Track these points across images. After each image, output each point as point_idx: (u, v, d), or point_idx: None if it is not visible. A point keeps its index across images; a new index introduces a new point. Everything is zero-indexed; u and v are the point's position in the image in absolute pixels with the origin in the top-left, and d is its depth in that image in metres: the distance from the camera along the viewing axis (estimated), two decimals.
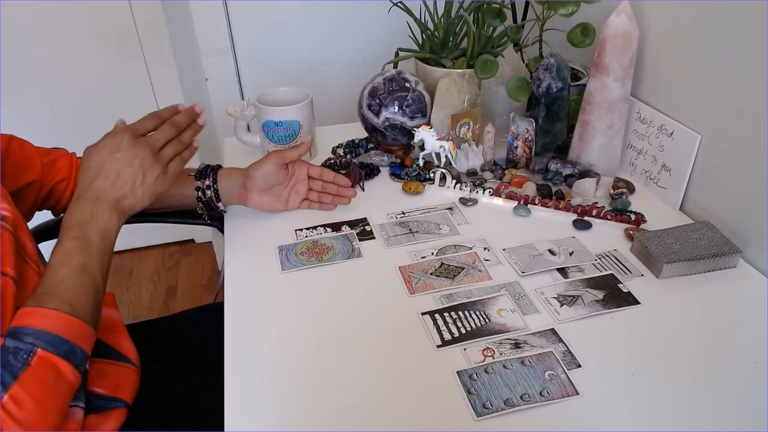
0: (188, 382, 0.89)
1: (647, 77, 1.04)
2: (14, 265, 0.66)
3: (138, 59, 1.83)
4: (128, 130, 0.74)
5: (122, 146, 0.73)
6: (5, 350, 0.57)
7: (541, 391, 0.66)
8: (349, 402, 0.66)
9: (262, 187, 0.94)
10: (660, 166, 1.01)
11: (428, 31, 1.15)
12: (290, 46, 1.63)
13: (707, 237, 0.86)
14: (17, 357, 0.57)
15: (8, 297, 0.63)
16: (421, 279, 0.83)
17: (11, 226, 0.68)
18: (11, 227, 0.68)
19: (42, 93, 1.82)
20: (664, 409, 0.64)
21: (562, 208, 0.98)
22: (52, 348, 0.58)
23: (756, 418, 0.63)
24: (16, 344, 0.57)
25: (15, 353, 0.57)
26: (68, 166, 0.90)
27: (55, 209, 0.93)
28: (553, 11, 1.07)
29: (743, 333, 0.74)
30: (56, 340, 0.59)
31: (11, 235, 0.68)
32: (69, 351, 0.60)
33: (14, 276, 0.65)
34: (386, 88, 1.08)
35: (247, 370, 0.70)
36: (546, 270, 0.85)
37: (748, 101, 0.84)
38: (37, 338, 0.58)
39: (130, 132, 0.74)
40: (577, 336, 0.73)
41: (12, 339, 0.58)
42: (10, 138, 0.83)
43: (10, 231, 0.68)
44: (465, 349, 0.72)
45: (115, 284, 2.09)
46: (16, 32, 1.70)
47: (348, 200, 0.98)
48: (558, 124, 1.09)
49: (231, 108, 1.13)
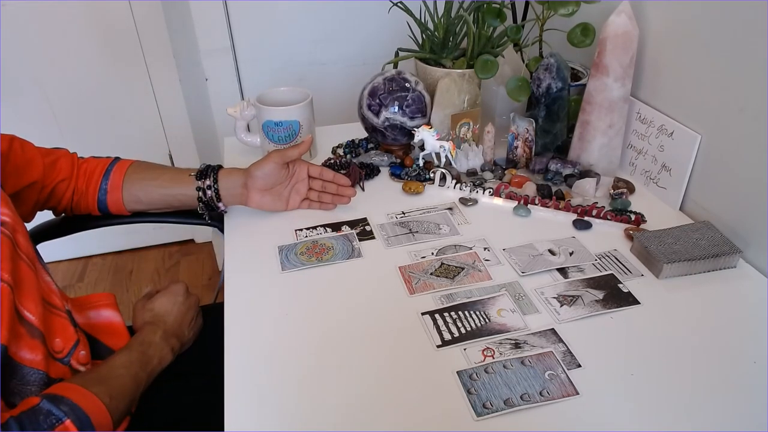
0: (188, 383, 0.89)
1: (647, 77, 1.04)
2: (10, 270, 0.66)
3: (138, 59, 1.83)
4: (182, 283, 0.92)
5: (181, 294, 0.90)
6: (38, 410, 0.61)
7: (541, 391, 0.66)
8: (349, 402, 0.66)
9: (263, 186, 0.94)
10: (660, 166, 1.01)
11: (428, 31, 1.15)
12: (290, 46, 1.63)
13: (707, 237, 0.86)
14: (47, 419, 0.61)
15: (5, 302, 0.63)
16: (421, 279, 0.83)
17: (10, 232, 0.68)
18: (9, 232, 0.68)
19: (42, 93, 1.82)
20: (664, 409, 0.64)
21: (562, 208, 0.98)
22: (79, 424, 0.62)
23: (756, 418, 0.63)
24: (50, 408, 0.61)
25: (47, 416, 0.61)
26: (69, 166, 0.90)
27: (56, 209, 0.93)
28: (553, 11, 1.07)
29: (743, 333, 0.74)
30: (85, 420, 0.63)
31: (9, 240, 0.68)
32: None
33: (10, 281, 0.65)
34: (386, 88, 1.08)
35: (247, 370, 0.70)
36: (546, 270, 0.85)
37: (748, 101, 0.84)
38: (72, 410, 0.62)
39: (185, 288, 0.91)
40: (577, 336, 0.73)
41: (49, 402, 0.62)
42: (11, 138, 0.83)
43: (8, 236, 0.68)
44: (465, 349, 0.72)
45: (115, 284, 2.09)
46: (16, 32, 1.70)
47: (348, 199, 0.98)
48: (558, 124, 1.09)
49: (231, 108, 1.13)
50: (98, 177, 0.91)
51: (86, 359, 0.77)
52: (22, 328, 0.67)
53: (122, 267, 2.17)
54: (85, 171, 0.91)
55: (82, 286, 2.08)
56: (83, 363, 0.76)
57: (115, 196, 0.92)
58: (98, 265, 2.19)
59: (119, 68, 1.84)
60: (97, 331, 0.85)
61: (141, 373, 0.75)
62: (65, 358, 0.74)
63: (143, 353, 0.77)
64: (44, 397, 0.63)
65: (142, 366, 0.76)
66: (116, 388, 0.69)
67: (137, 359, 0.75)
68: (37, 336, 0.68)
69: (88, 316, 0.86)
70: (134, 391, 0.73)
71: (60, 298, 0.77)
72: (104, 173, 0.92)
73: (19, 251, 0.70)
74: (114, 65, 1.83)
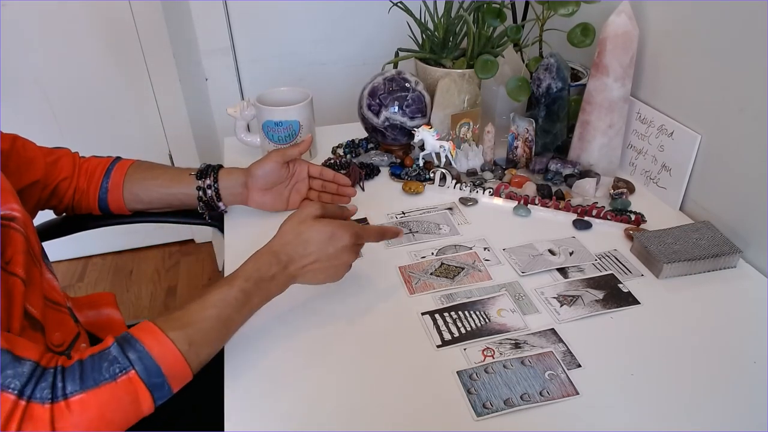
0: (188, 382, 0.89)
1: (647, 77, 1.04)
2: (24, 265, 0.66)
3: (138, 59, 1.83)
4: (355, 235, 0.74)
5: (342, 243, 0.73)
6: (106, 355, 0.58)
7: (541, 391, 0.66)
8: (349, 402, 0.66)
9: (263, 186, 0.94)
10: (660, 166, 1.01)
11: (428, 31, 1.15)
12: (290, 47, 1.63)
13: (707, 237, 0.86)
14: (110, 368, 0.58)
15: (18, 297, 0.64)
16: (421, 279, 0.83)
17: (22, 227, 0.69)
18: (22, 228, 0.69)
19: (42, 93, 1.82)
20: (664, 409, 0.64)
21: (562, 208, 0.98)
22: (145, 375, 0.59)
23: (756, 418, 0.63)
24: (118, 354, 0.58)
25: (111, 363, 0.58)
26: (71, 165, 0.90)
27: (57, 209, 0.94)
28: (553, 11, 1.07)
29: (743, 333, 0.74)
30: (154, 369, 0.59)
31: (22, 237, 0.68)
32: (158, 384, 0.60)
33: (24, 277, 0.66)
34: (386, 88, 1.08)
35: (247, 370, 0.70)
36: (546, 270, 0.85)
37: (748, 101, 0.84)
38: (140, 359, 0.59)
39: (356, 237, 0.74)
40: (577, 336, 0.73)
41: (118, 346, 0.59)
42: (13, 138, 0.83)
43: (22, 232, 0.68)
44: (465, 349, 0.72)
45: (115, 284, 2.09)
46: (16, 32, 1.70)
47: (348, 199, 0.98)
48: (558, 124, 1.09)
49: (231, 108, 1.13)
50: (99, 176, 0.91)
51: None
52: (26, 321, 0.67)
53: (122, 267, 2.17)
54: (86, 170, 0.92)
55: (82, 286, 2.08)
56: None
57: (115, 195, 0.92)
58: (98, 265, 2.19)
59: (119, 68, 1.84)
60: (97, 330, 0.85)
61: (236, 314, 0.67)
62: (66, 350, 0.74)
63: (244, 291, 0.68)
64: (117, 339, 0.60)
65: (241, 307, 0.67)
66: (200, 333, 0.63)
67: (235, 299, 0.67)
68: (39, 329, 0.69)
69: (88, 315, 0.86)
70: (223, 335, 0.67)
71: (61, 295, 0.77)
72: (105, 172, 0.92)
73: (31, 249, 0.70)
74: (114, 65, 1.83)
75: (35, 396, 0.54)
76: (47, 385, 0.55)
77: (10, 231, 0.67)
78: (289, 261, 0.72)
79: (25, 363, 0.55)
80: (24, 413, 0.53)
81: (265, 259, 0.71)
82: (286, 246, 0.72)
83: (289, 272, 0.72)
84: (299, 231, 0.73)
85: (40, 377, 0.55)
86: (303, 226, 0.73)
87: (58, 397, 0.55)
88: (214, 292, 0.67)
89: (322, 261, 0.73)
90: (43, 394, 0.54)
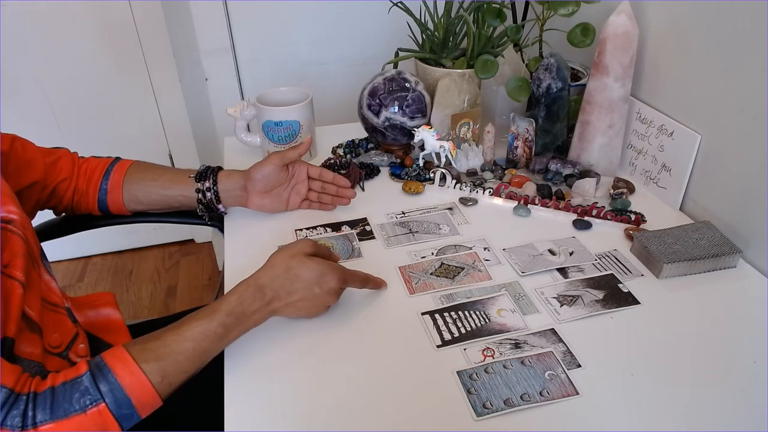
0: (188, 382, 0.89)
1: (647, 77, 1.04)
2: (23, 269, 0.66)
3: (138, 59, 1.83)
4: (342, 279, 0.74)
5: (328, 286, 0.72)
6: (78, 384, 0.59)
7: (541, 391, 0.66)
8: (348, 402, 0.66)
9: (263, 188, 0.94)
10: (660, 166, 1.01)
11: (428, 31, 1.15)
12: (290, 46, 1.63)
13: (707, 237, 0.86)
14: (81, 399, 0.58)
15: (16, 300, 0.64)
16: (421, 279, 0.83)
17: (20, 230, 0.68)
18: (20, 230, 0.68)
19: (42, 93, 1.82)
20: (664, 409, 0.64)
21: (562, 208, 0.98)
22: (115, 408, 0.59)
23: (756, 418, 0.63)
24: (89, 384, 0.59)
25: (83, 394, 0.58)
26: (70, 165, 0.90)
27: (56, 209, 0.94)
28: (553, 11, 1.07)
29: (743, 333, 0.74)
30: (125, 401, 0.60)
31: (21, 239, 0.68)
32: (127, 415, 0.61)
33: (23, 280, 0.65)
34: (386, 88, 1.08)
35: (247, 370, 0.70)
36: (546, 270, 0.85)
37: (748, 101, 0.84)
38: (111, 391, 0.59)
39: (342, 282, 0.74)
40: (577, 336, 0.73)
41: (91, 376, 0.59)
42: (12, 138, 0.83)
43: (20, 235, 0.68)
44: (465, 349, 0.72)
45: (115, 284, 2.09)
46: (16, 32, 1.70)
47: (347, 201, 0.98)
48: (558, 124, 1.09)
49: (231, 108, 1.13)
50: (98, 177, 0.91)
51: (85, 352, 0.78)
52: (24, 323, 0.67)
53: (122, 267, 2.17)
54: (85, 171, 0.92)
55: (82, 286, 2.08)
56: (82, 356, 0.76)
57: (115, 195, 0.92)
58: (98, 265, 2.19)
59: (119, 68, 1.84)
60: (97, 330, 0.85)
61: (213, 347, 0.67)
62: (63, 352, 0.74)
63: (224, 326, 0.67)
64: (91, 367, 0.60)
65: (218, 340, 0.67)
66: (174, 365, 0.63)
67: (214, 333, 0.66)
68: (36, 331, 0.69)
69: (88, 315, 0.86)
70: (197, 366, 0.66)
71: (60, 296, 0.77)
72: (104, 173, 0.92)
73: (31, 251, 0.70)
74: (114, 65, 1.83)
75: (6, 423, 0.55)
76: (18, 413, 0.56)
77: (8, 234, 0.66)
78: (273, 297, 0.71)
79: (1, 390, 0.56)
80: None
81: (249, 293, 0.70)
82: (274, 280, 0.71)
83: (272, 308, 0.71)
84: (289, 266, 0.72)
85: (12, 404, 0.56)
86: (294, 260, 0.72)
87: (27, 426, 0.56)
88: (193, 324, 0.66)
89: (305, 300, 0.72)
90: (14, 422, 0.56)
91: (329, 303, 0.75)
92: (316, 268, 0.72)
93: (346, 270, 0.76)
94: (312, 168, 0.97)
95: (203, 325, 0.66)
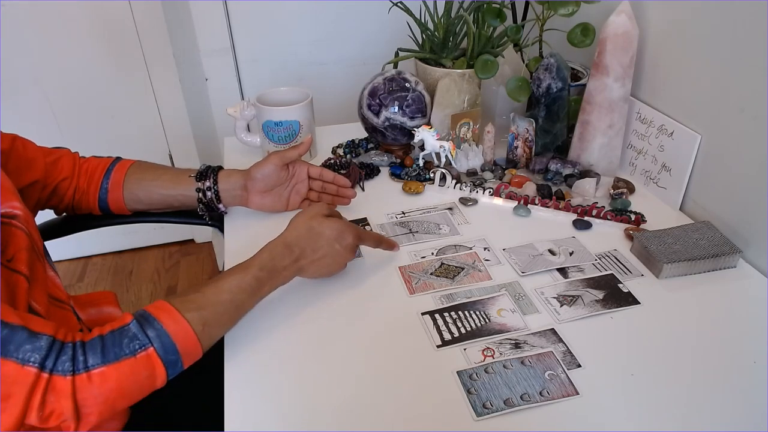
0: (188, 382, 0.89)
1: (647, 77, 1.04)
2: (27, 262, 0.67)
3: (138, 59, 1.83)
4: (358, 236, 0.80)
5: (347, 242, 0.79)
6: (126, 331, 0.61)
7: (541, 391, 0.66)
8: (348, 402, 0.66)
9: (263, 188, 0.94)
10: (660, 166, 1.01)
11: (428, 31, 1.15)
12: (290, 46, 1.63)
13: (707, 237, 0.86)
14: (131, 344, 0.61)
15: (21, 293, 0.64)
16: (421, 279, 0.83)
17: (23, 225, 0.69)
18: (24, 225, 0.69)
19: (42, 93, 1.82)
20: (664, 409, 0.64)
21: (562, 208, 0.98)
22: (162, 352, 0.62)
23: (756, 418, 0.63)
24: (137, 331, 0.61)
25: (131, 339, 0.61)
26: (71, 165, 0.90)
27: (57, 208, 0.94)
28: (553, 11, 1.07)
29: (743, 333, 0.74)
30: (171, 347, 0.63)
31: (25, 234, 0.69)
32: (173, 361, 0.63)
33: (27, 274, 0.66)
34: (386, 88, 1.08)
35: (247, 370, 0.70)
36: (546, 270, 0.85)
37: (748, 101, 0.84)
38: (158, 336, 0.62)
39: (358, 239, 0.81)
40: (577, 336, 0.73)
41: (138, 324, 0.62)
42: (13, 137, 0.83)
43: (24, 230, 0.69)
44: (465, 349, 0.72)
45: (116, 284, 2.09)
46: (16, 32, 1.70)
47: (348, 201, 0.98)
48: (558, 124, 1.09)
49: (231, 108, 1.13)
50: (99, 176, 0.91)
51: None
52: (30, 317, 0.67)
53: (122, 267, 2.17)
54: (86, 170, 0.92)
55: (82, 286, 2.08)
56: None
57: (116, 195, 0.92)
58: (98, 265, 2.19)
59: (119, 68, 1.83)
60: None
61: (248, 300, 0.72)
62: None
63: (258, 279, 0.72)
64: (136, 316, 0.63)
65: (253, 293, 0.72)
66: (214, 316, 0.67)
67: (249, 285, 0.71)
68: None
69: (89, 313, 0.86)
70: (234, 319, 0.71)
71: (64, 292, 0.78)
72: (105, 173, 0.92)
73: (35, 245, 0.70)
74: (114, 65, 1.83)
75: (57, 369, 0.57)
76: (68, 358, 0.58)
77: (11, 228, 0.67)
78: (300, 254, 0.76)
79: (42, 337, 0.57)
80: (47, 385, 0.56)
81: (279, 250, 0.75)
82: (300, 239, 0.77)
83: (299, 265, 0.76)
84: (311, 225, 0.78)
85: (59, 351, 0.58)
86: (314, 221, 0.78)
87: (79, 370, 0.58)
88: (229, 278, 0.70)
89: (327, 256, 0.78)
90: (64, 367, 0.57)
91: (348, 259, 0.81)
92: (335, 227, 0.78)
93: (360, 228, 0.82)
94: (312, 168, 0.98)
95: (238, 278, 0.71)
